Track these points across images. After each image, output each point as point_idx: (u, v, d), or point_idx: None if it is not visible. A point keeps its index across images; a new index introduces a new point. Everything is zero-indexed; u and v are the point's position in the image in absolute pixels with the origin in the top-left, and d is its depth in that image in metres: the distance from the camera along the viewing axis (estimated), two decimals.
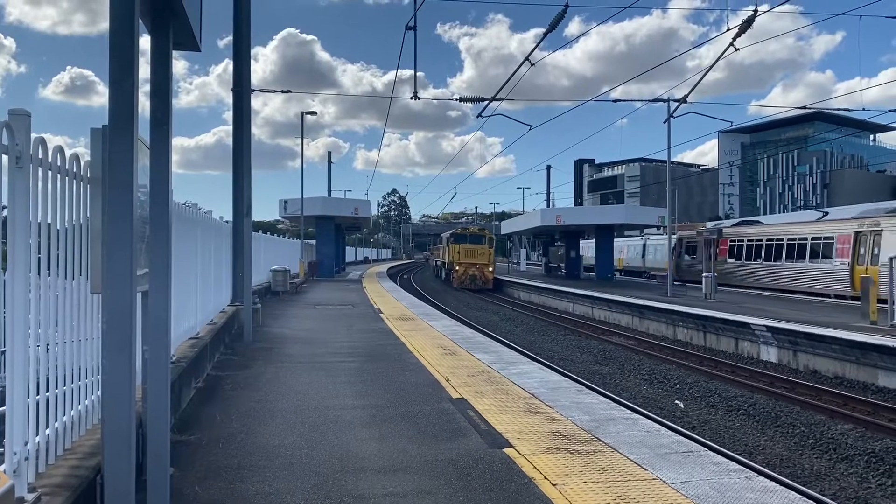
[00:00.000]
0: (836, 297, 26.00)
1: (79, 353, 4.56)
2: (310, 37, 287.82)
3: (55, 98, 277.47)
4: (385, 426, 6.83)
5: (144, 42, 4.08)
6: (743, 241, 33.98)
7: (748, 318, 18.45)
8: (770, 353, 17.29)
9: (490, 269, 46.74)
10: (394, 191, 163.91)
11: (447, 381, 9.06)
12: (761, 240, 32.36)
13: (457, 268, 46.38)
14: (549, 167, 75.99)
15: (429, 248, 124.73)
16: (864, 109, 52.50)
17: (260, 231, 26.22)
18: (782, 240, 30.82)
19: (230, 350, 11.85)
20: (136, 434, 3.79)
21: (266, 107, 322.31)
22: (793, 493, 5.09)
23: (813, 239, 27.85)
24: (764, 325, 17.45)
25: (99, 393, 4.76)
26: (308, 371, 10.00)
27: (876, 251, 24.49)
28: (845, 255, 26.38)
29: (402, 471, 5.43)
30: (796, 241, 29.97)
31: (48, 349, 4.10)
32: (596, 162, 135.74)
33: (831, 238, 27.44)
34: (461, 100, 23.04)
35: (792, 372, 15.80)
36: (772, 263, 31.34)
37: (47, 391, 4.02)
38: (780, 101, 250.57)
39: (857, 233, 26.00)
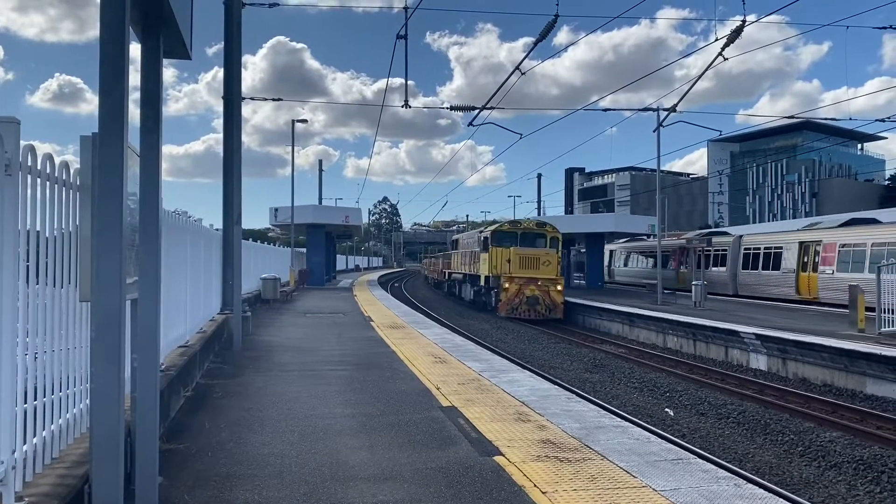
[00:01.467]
0: (670, 289, 34.58)
1: (67, 362, 4.55)
2: (299, 45, 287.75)
3: (43, 105, 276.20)
4: (375, 434, 6.82)
5: (135, 50, 4.09)
6: (632, 251, 49.93)
7: (737, 327, 18.53)
8: (759, 361, 17.36)
9: (559, 287, 30.23)
10: (385, 199, 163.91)
11: (438, 389, 9.06)
12: (643, 250, 46.94)
13: (506, 286, 29.75)
14: (539, 175, 75.91)
15: (421, 256, 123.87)
16: (851, 119, 52.86)
17: (250, 239, 26.16)
18: (644, 251, 46.56)
19: (220, 358, 11.81)
20: (124, 443, 3.78)
21: (255, 115, 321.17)
22: (782, 500, 5.12)
23: (660, 252, 36.46)
24: (753, 334, 17.53)
25: (87, 401, 4.74)
26: (298, 379, 9.98)
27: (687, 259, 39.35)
28: (676, 263, 40.37)
29: (393, 479, 5.43)
30: (652, 252, 43.12)
31: (36, 358, 4.08)
32: (586, 170, 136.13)
33: (669, 251, 39.70)
34: (452, 108, 23.10)
35: (781, 380, 15.87)
36: (638, 268, 47.91)
37: (35, 400, 4.01)
38: (768, 111, 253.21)
39: (680, 248, 39.72)
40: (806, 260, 28.82)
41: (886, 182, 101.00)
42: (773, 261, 31.02)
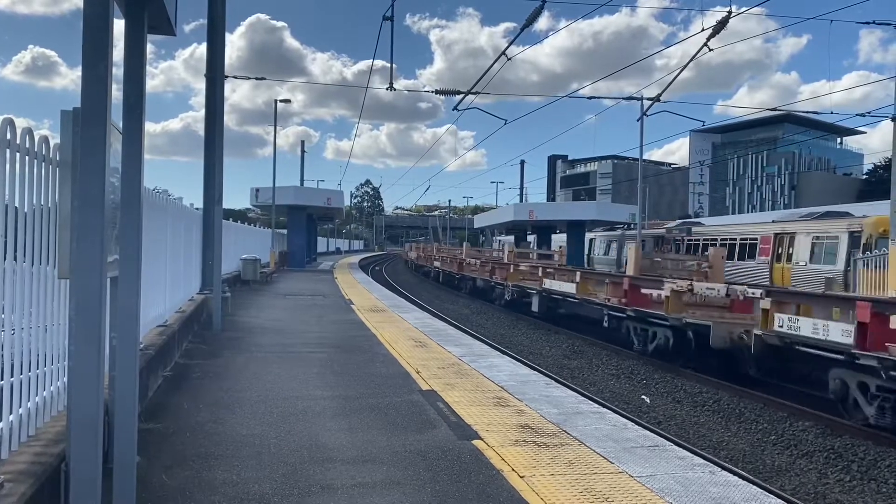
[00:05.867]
0: None
1: (44, 339, 4.50)
2: (279, 23, 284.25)
3: (15, 78, 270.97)
4: (354, 417, 6.83)
5: (118, 25, 4.02)
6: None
7: None
8: None
9: None
10: (367, 182, 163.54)
11: (417, 372, 9.09)
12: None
13: None
14: (522, 162, 76.45)
15: (402, 241, 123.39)
16: (832, 112, 53.42)
17: (230, 219, 25.98)
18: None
19: (199, 339, 11.76)
20: (102, 422, 3.75)
21: (234, 93, 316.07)
22: (755, 487, 5.20)
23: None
24: None
25: (64, 379, 4.70)
26: (277, 361, 9.96)
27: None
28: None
29: (371, 461, 5.45)
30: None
31: (13, 334, 4.04)
32: (569, 158, 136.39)
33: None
34: (437, 92, 22.97)
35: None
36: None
37: (11, 377, 3.97)
38: (746, 102, 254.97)
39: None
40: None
41: (864, 176, 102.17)
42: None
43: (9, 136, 3.77)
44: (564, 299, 21.81)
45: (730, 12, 16.08)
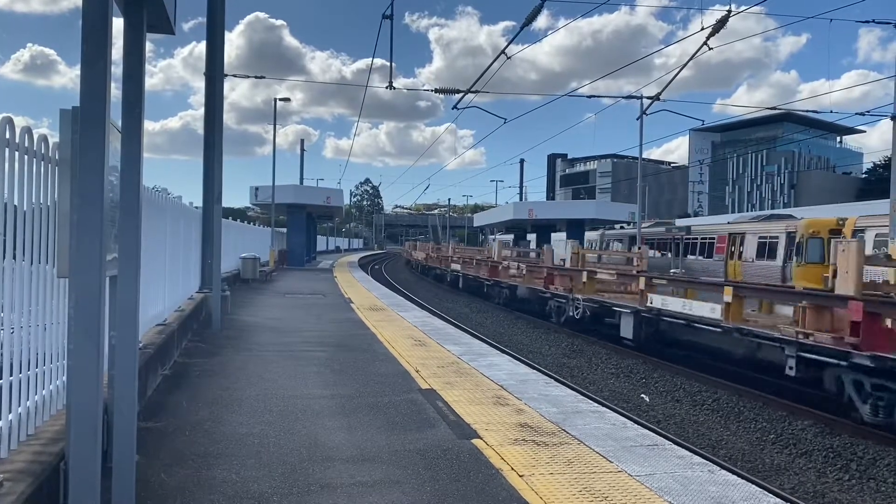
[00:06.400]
0: None
1: (43, 337, 4.50)
2: (278, 21, 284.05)
3: (14, 77, 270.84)
4: (354, 416, 6.83)
5: (117, 23, 4.01)
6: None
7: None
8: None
9: None
10: (367, 180, 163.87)
11: (417, 371, 9.09)
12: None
13: None
14: (522, 161, 76.51)
15: (402, 240, 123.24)
16: (832, 112, 53.37)
17: (230, 218, 25.98)
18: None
19: (198, 337, 11.75)
20: (101, 421, 3.75)
21: (233, 92, 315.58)
22: (754, 486, 5.20)
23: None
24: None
25: (63, 378, 4.70)
26: (277, 360, 9.96)
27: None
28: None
29: (371, 460, 5.45)
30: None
31: (12, 332, 4.03)
32: (569, 157, 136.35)
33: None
34: (437, 91, 22.98)
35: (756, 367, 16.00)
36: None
37: (11, 375, 3.97)
38: (745, 101, 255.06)
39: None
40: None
41: (864, 175, 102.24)
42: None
43: (8, 135, 3.77)
44: (689, 325, 15.16)
45: (729, 11, 16.08)
